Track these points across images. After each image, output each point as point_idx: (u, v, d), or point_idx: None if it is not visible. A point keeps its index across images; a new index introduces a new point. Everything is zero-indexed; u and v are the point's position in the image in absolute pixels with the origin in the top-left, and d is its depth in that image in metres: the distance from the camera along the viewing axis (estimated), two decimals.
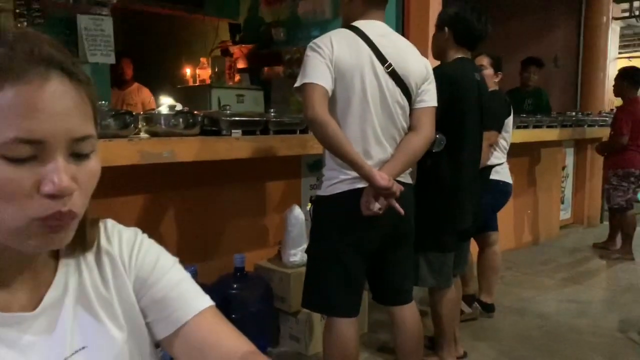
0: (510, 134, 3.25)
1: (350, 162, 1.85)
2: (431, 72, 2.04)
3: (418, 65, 1.98)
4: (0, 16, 2.82)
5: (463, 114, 2.33)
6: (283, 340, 2.73)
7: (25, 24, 2.96)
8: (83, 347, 0.73)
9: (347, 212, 1.92)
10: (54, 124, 0.60)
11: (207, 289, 0.83)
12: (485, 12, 2.42)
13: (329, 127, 1.81)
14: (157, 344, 0.82)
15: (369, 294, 2.36)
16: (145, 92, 4.63)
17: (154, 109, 2.87)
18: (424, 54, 2.10)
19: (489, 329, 3.14)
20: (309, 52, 1.88)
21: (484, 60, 3.12)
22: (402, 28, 3.78)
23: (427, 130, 1.99)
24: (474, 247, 3.08)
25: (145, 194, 2.45)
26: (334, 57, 1.85)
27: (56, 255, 0.75)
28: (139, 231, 0.84)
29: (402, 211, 1.90)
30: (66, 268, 0.75)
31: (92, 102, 0.66)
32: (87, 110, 0.65)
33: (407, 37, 2.89)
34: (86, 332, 0.74)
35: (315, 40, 1.90)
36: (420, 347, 2.18)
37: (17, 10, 2.97)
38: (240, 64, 5.22)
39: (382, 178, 1.83)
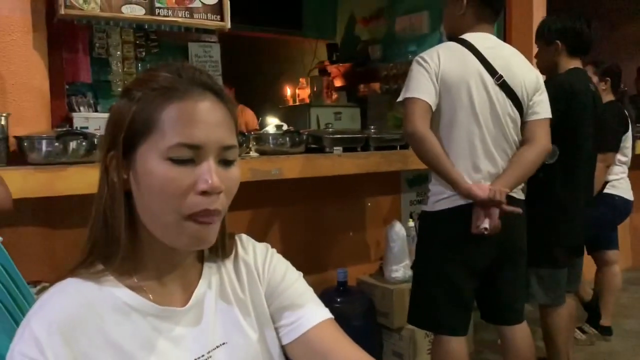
0: (630, 148, 3.06)
1: (447, 178, 1.84)
2: (542, 83, 1.99)
3: (529, 76, 1.94)
4: (124, 47, 3.08)
5: (578, 125, 2.24)
6: (386, 356, 2.72)
7: (143, 53, 3.22)
8: (224, 343, 0.81)
9: (454, 229, 1.90)
10: (209, 132, 0.72)
11: None
12: (589, 18, 2.33)
13: (427, 142, 1.81)
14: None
15: (474, 311, 2.31)
16: (249, 113, 4.86)
17: (257, 129, 3.02)
18: None
19: (605, 353, 2.94)
20: (414, 66, 1.89)
21: (589, 70, 2.98)
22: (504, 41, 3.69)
23: (542, 143, 1.93)
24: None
25: (253, 209, 2.56)
26: (440, 71, 1.84)
27: (201, 260, 0.86)
28: (269, 246, 0.94)
29: (519, 210, 1.87)
30: (209, 270, 0.85)
31: (234, 120, 0.78)
32: (232, 125, 0.77)
33: None
34: (226, 329, 0.82)
35: (421, 54, 1.91)
36: None
37: (137, 42, 3.23)
38: (338, 83, 5.32)
39: (481, 189, 1.81)
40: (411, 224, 2.82)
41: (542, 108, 1.95)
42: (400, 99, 1.89)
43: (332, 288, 2.62)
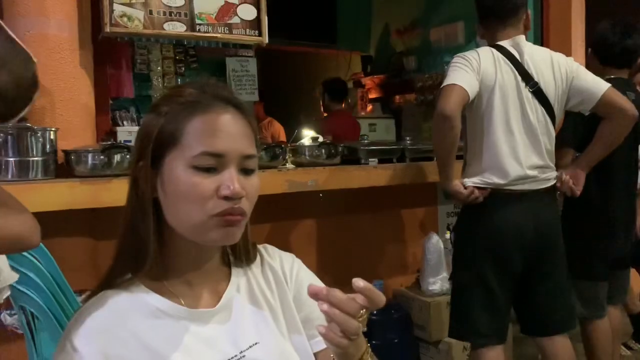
0: None
1: (446, 169, 1.93)
2: (575, 66, 1.98)
3: (559, 77, 1.94)
4: (164, 63, 3.17)
5: None
6: None
7: (183, 68, 3.31)
8: (256, 343, 0.83)
9: (489, 232, 1.91)
10: (230, 142, 0.77)
11: None
12: (632, 27, 2.27)
13: (454, 130, 1.82)
14: None
15: (514, 326, 2.27)
16: (276, 126, 4.92)
17: (283, 142, 3.06)
18: None
19: None
20: (455, 60, 1.91)
21: None
22: None
23: (626, 110, 1.92)
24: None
25: (290, 220, 2.58)
26: (481, 71, 1.86)
27: (227, 265, 0.89)
28: (294, 256, 0.97)
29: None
30: (237, 274, 0.89)
31: (254, 132, 0.83)
32: (252, 136, 0.82)
33: None
34: (258, 329, 0.84)
35: (461, 54, 1.93)
36: None
37: (177, 57, 3.32)
38: (372, 94, 5.33)
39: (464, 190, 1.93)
40: (448, 235, 2.80)
41: (594, 86, 1.94)
42: (441, 87, 1.89)
43: None
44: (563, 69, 1.94)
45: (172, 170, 0.77)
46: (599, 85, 1.94)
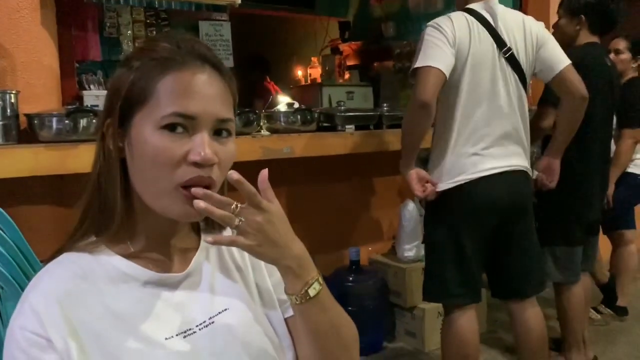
0: None
1: (410, 156, 1.91)
2: (546, 35, 1.95)
3: (530, 43, 1.91)
4: (134, 26, 3.06)
5: (592, 100, 2.18)
6: (399, 335, 2.73)
7: (154, 32, 3.19)
8: (225, 309, 0.81)
9: (462, 193, 1.89)
10: (204, 104, 0.72)
11: (324, 281, 0.89)
12: None
13: (429, 118, 1.80)
14: None
15: (488, 292, 2.29)
16: None
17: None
18: None
19: (621, 333, 2.91)
20: (430, 32, 1.84)
21: (621, 44, 2.91)
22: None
23: (575, 92, 1.91)
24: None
25: None
26: (456, 42, 1.80)
27: (197, 231, 0.86)
28: None
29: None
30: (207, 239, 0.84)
31: (233, 94, 0.78)
32: (230, 99, 0.77)
33: None
34: (228, 295, 0.82)
35: (435, 21, 1.87)
36: (544, 348, 2.07)
37: (148, 21, 3.20)
38: (350, 61, 5.24)
39: (418, 187, 1.91)
40: None
41: (555, 60, 1.91)
42: (415, 65, 1.81)
43: (345, 267, 2.61)
44: (534, 35, 1.91)
45: (140, 131, 0.72)
46: (560, 60, 1.91)
